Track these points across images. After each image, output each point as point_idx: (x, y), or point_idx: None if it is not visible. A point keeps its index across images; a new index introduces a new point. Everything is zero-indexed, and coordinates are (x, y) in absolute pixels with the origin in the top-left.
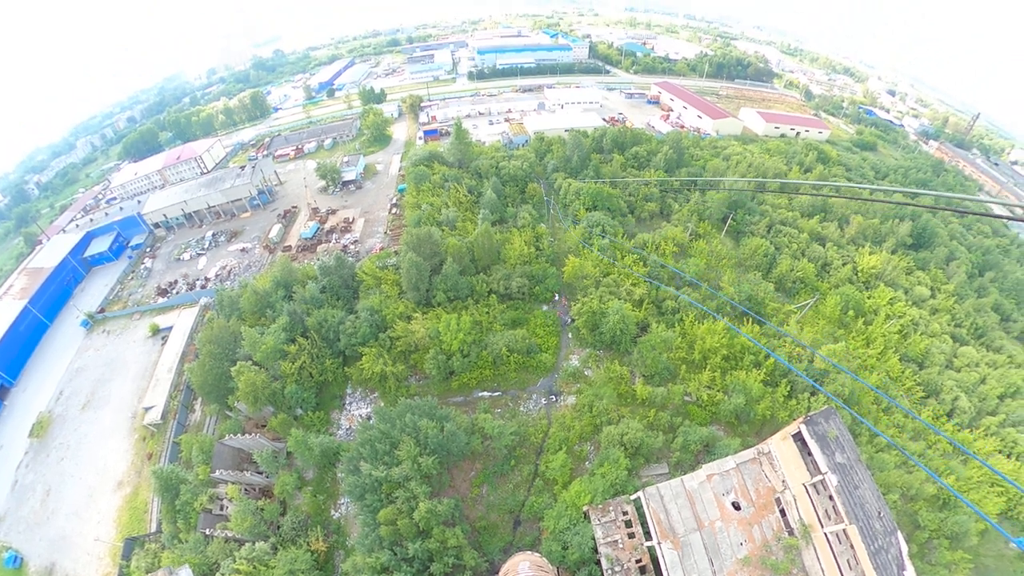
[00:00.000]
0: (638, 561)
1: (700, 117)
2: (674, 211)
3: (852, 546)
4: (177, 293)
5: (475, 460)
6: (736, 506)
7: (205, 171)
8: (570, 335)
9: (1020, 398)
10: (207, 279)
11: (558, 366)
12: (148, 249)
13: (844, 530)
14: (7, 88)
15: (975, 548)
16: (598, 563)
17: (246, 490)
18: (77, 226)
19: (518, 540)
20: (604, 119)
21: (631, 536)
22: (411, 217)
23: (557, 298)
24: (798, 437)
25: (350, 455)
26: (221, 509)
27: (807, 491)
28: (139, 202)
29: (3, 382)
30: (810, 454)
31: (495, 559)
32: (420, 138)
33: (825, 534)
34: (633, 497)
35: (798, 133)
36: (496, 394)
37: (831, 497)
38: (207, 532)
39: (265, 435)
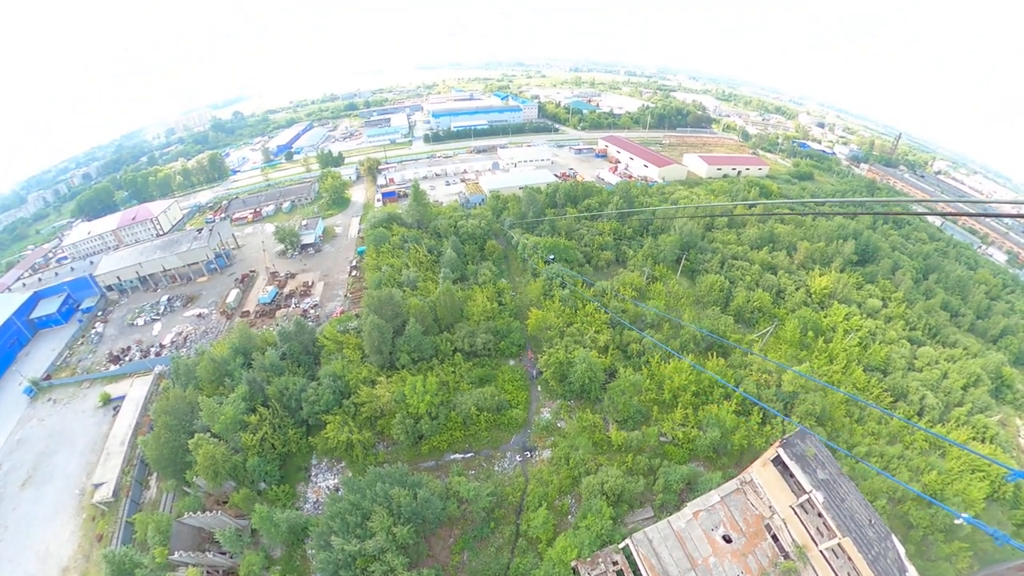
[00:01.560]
0: None
1: (646, 166)
2: (629, 257)
3: (850, 558)
4: (130, 360)
5: (453, 525)
6: (727, 539)
7: (161, 233)
8: (539, 388)
9: (982, 385)
10: (162, 346)
11: (530, 421)
12: (100, 313)
13: (839, 544)
14: None
15: (970, 536)
16: None
17: (208, 573)
18: (24, 285)
19: None
20: (556, 175)
21: None
22: (371, 279)
23: (528, 351)
24: (778, 461)
25: (320, 530)
26: None
27: (795, 512)
28: (91, 263)
29: None
30: (792, 476)
31: None
32: (378, 200)
33: (821, 551)
34: (621, 546)
35: (739, 172)
36: (469, 455)
37: (820, 514)
38: None
39: (227, 512)
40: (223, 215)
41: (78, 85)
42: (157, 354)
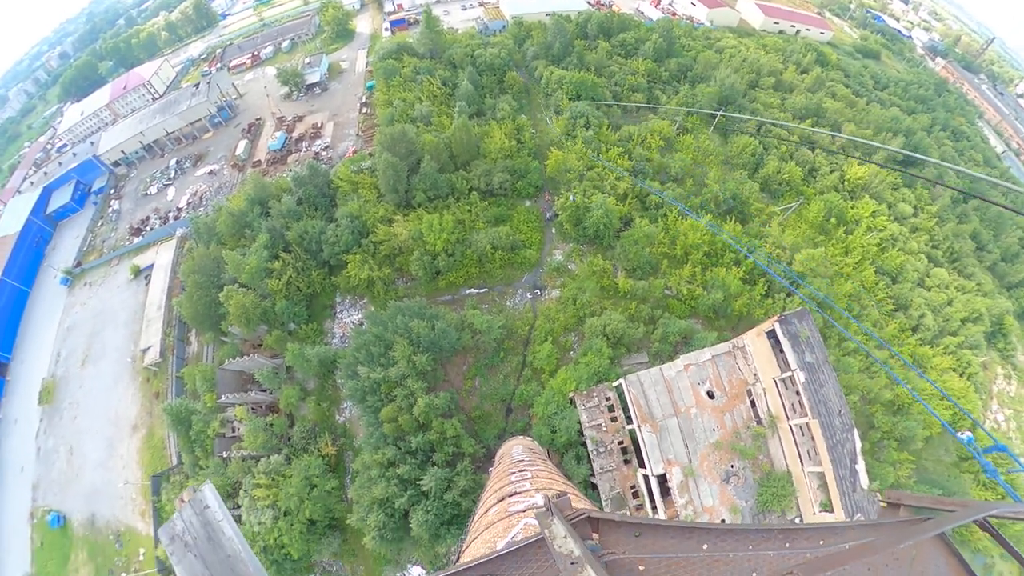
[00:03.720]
0: (620, 443)
1: (694, 4)
2: (662, 103)
3: (813, 438)
4: (151, 229)
5: (467, 354)
6: (710, 395)
7: (157, 96)
8: (554, 230)
9: (981, 324)
10: (179, 209)
11: (542, 261)
12: (112, 191)
13: (807, 424)
14: None
15: (919, 452)
16: (584, 444)
17: (253, 409)
18: (32, 184)
19: (510, 426)
20: (589, 2)
21: (613, 420)
22: (383, 115)
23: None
24: (772, 335)
25: (347, 361)
26: (233, 431)
27: (776, 385)
28: (92, 143)
29: (0, 359)
30: (782, 351)
31: (490, 445)
32: (386, 30)
33: (790, 426)
34: (615, 384)
35: (798, 31)
36: (483, 291)
37: (798, 393)
38: (224, 455)
39: (263, 354)
40: (219, 65)
41: None
42: (176, 218)
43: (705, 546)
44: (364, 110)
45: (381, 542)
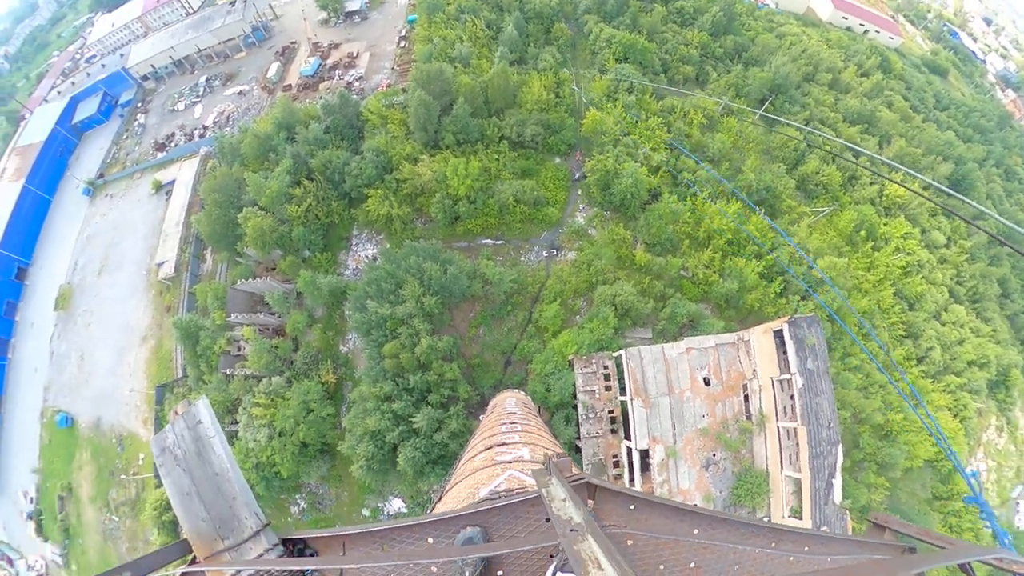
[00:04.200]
0: (610, 412)
1: None
2: (711, 80)
3: (798, 444)
4: (176, 146)
5: (475, 303)
6: (707, 382)
7: (191, 12)
8: (579, 191)
9: (986, 371)
10: (205, 127)
11: (563, 221)
12: (139, 104)
13: (796, 429)
14: None
15: (896, 481)
16: (575, 407)
17: (260, 330)
18: (59, 93)
19: (507, 378)
20: None
21: (608, 389)
22: (421, 52)
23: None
24: (778, 334)
25: (357, 294)
26: (239, 350)
27: (773, 385)
28: (122, 56)
29: (20, 263)
30: (785, 353)
31: (485, 393)
32: None
33: (778, 427)
34: (615, 354)
35: (866, 31)
36: (499, 242)
37: (793, 397)
38: (228, 372)
39: (275, 278)
40: None
41: None
42: (201, 136)
43: (696, 531)
44: (402, 44)
45: (368, 472)
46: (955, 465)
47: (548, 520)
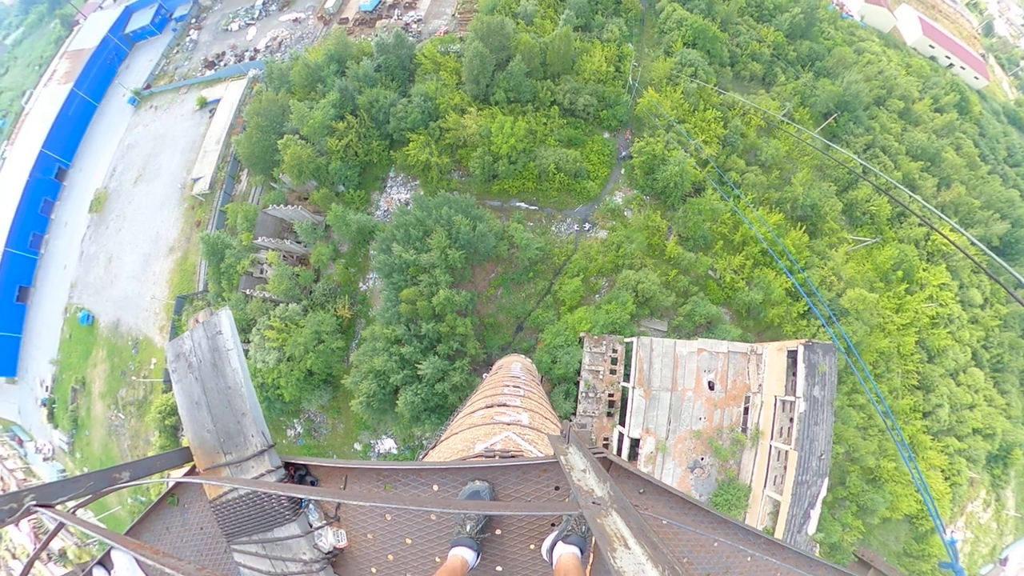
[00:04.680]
0: (610, 395)
1: None
2: (778, 82)
3: (785, 468)
4: (225, 65)
5: (498, 263)
6: (711, 386)
7: None
8: (623, 171)
9: (990, 443)
10: (256, 50)
11: (601, 198)
12: (193, 20)
13: (787, 452)
14: None
15: (872, 528)
16: (576, 384)
17: (284, 257)
18: (114, 1)
19: (516, 343)
20: None
21: (612, 372)
22: (485, 3)
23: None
24: (792, 355)
25: (384, 235)
26: (261, 273)
27: (776, 404)
28: None
29: (60, 164)
30: (794, 375)
31: (493, 353)
32: None
33: (771, 446)
34: (627, 340)
35: (951, 65)
36: (533, 208)
37: (792, 420)
38: (247, 292)
39: (306, 207)
40: None
41: None
42: (251, 59)
43: (697, 526)
44: None
45: (367, 409)
46: (937, 528)
47: (557, 488)
